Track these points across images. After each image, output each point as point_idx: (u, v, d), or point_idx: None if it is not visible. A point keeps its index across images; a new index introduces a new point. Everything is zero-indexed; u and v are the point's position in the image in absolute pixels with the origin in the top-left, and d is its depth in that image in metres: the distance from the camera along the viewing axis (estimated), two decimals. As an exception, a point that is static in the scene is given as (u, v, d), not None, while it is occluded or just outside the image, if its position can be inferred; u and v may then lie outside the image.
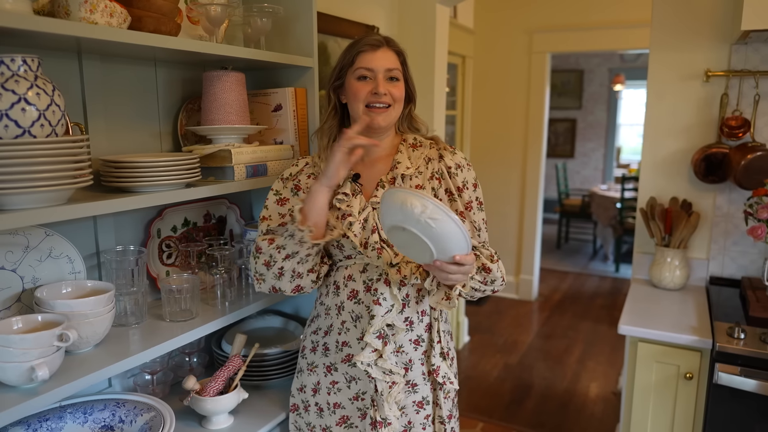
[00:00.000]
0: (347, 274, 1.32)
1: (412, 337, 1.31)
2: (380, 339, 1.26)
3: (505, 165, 4.88)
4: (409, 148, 1.37)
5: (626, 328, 1.92)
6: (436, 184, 1.32)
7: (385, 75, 1.29)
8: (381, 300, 1.26)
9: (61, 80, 1.29)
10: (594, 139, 8.30)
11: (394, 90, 1.30)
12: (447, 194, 1.32)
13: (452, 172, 1.34)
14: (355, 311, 1.30)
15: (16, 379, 1.03)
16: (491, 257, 1.29)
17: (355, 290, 1.30)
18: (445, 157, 1.35)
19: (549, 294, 5.31)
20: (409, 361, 1.31)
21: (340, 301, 1.32)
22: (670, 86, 2.30)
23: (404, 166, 1.32)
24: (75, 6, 1.08)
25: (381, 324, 1.25)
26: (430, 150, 1.36)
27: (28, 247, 1.25)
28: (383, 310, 1.26)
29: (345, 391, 1.34)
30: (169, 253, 1.60)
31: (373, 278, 1.28)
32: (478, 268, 1.27)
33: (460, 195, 1.33)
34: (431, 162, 1.34)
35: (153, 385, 1.49)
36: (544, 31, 4.54)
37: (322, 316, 1.37)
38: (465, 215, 1.33)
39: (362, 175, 1.35)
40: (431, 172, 1.33)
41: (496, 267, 1.27)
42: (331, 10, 2.31)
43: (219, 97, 1.49)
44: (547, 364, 3.85)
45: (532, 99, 4.67)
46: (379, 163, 1.36)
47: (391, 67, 1.30)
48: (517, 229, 4.97)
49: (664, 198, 2.35)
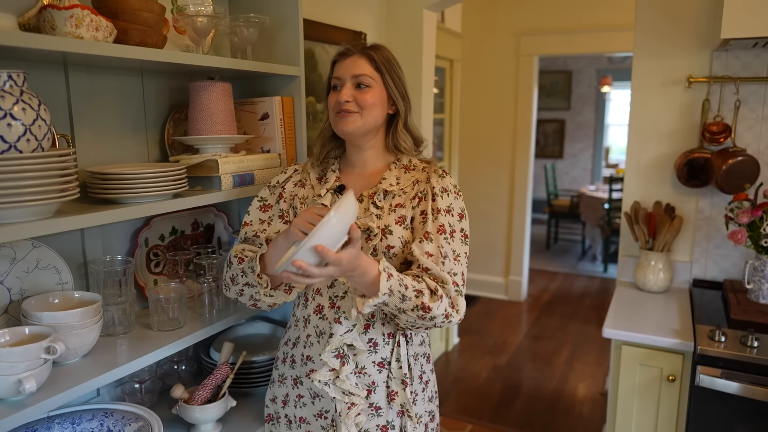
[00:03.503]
0: (315, 287, 1.28)
1: (375, 359, 1.25)
2: (338, 358, 1.21)
3: (493, 166, 4.92)
4: (401, 170, 1.32)
5: (610, 331, 1.95)
6: (416, 204, 1.26)
7: (352, 82, 1.26)
8: (342, 318, 1.22)
9: (47, 92, 1.30)
10: (583, 139, 8.37)
11: (361, 97, 1.25)
12: (421, 215, 1.23)
13: (436, 194, 1.25)
14: (319, 326, 1.26)
15: (4, 392, 1.04)
16: (435, 292, 1.14)
17: (321, 305, 1.26)
18: (431, 179, 1.27)
19: (538, 295, 5.35)
20: (372, 383, 1.25)
21: (307, 314, 1.30)
22: (654, 92, 2.34)
23: (388, 183, 1.28)
24: (60, 21, 1.09)
25: (339, 343, 1.19)
26: (421, 173, 1.31)
27: (15, 259, 1.25)
28: (343, 329, 1.21)
29: (309, 407, 1.30)
30: (157, 262, 1.61)
31: (339, 294, 1.24)
32: (415, 307, 1.13)
33: (437, 217, 1.22)
34: (418, 183, 1.29)
35: (141, 393, 1.49)
36: (532, 34, 4.58)
37: (293, 327, 1.35)
38: (431, 236, 1.20)
39: (347, 187, 1.32)
40: (416, 192, 1.27)
41: (437, 306, 1.13)
42: (319, 17, 2.33)
43: (205, 107, 1.50)
44: (535, 365, 3.88)
45: (520, 101, 4.71)
46: (370, 178, 1.33)
47: (359, 73, 1.25)
48: (506, 230, 5.01)
49: (648, 202, 2.39)
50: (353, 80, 1.25)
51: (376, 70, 1.26)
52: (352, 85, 1.25)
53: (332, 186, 1.32)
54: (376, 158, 1.34)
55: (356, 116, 1.25)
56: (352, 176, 1.35)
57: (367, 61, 1.26)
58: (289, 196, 1.35)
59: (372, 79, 1.25)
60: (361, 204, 1.27)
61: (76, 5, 1.09)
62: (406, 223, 1.25)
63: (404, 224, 1.24)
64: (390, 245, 1.22)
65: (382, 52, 1.28)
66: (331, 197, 1.29)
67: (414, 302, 1.13)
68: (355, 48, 1.27)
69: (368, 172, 1.34)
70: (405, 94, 1.31)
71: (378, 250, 1.22)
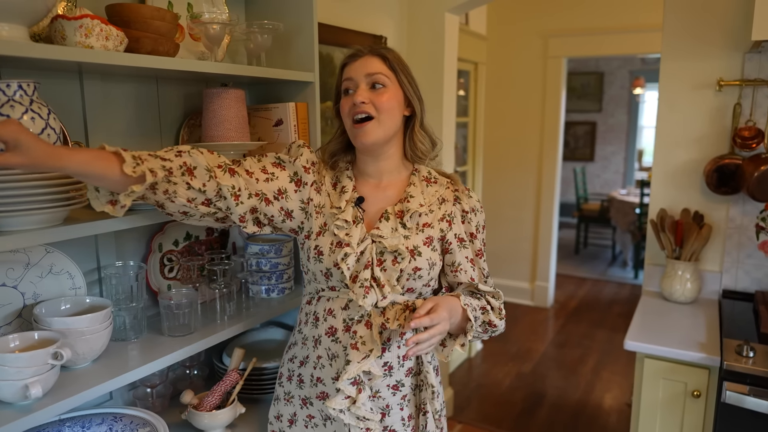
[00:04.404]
0: (328, 308, 1.24)
1: (390, 382, 1.23)
2: (355, 385, 1.17)
3: (520, 170, 4.85)
4: (423, 182, 1.27)
5: (632, 344, 1.89)
6: (446, 227, 1.24)
7: (366, 82, 1.19)
8: (359, 344, 1.18)
9: (63, 100, 1.32)
10: (614, 142, 8.18)
11: (377, 98, 1.18)
12: (457, 239, 1.25)
13: (467, 217, 1.27)
14: (332, 349, 1.22)
15: (11, 397, 1.06)
16: (500, 311, 1.28)
17: (334, 327, 1.22)
18: (462, 201, 1.27)
19: (565, 301, 5.25)
20: (386, 407, 1.24)
21: (318, 334, 1.25)
22: (682, 95, 2.26)
23: (417, 202, 1.23)
24: (71, 30, 1.10)
25: (356, 371, 1.15)
26: (446, 190, 1.28)
27: (29, 264, 1.28)
28: (360, 355, 1.16)
29: (321, 428, 1.28)
30: (171, 267, 1.62)
31: (354, 318, 1.20)
32: (483, 323, 1.25)
33: (473, 241, 1.28)
34: (445, 203, 1.26)
35: (152, 398, 1.51)
36: (560, 36, 4.50)
37: (299, 344, 1.31)
38: (475, 262, 1.28)
39: (368, 199, 1.26)
40: (443, 213, 1.25)
41: (502, 323, 1.28)
42: (338, 21, 2.32)
43: (218, 114, 1.50)
44: (560, 374, 3.81)
45: (547, 103, 4.63)
46: (390, 190, 1.27)
47: (373, 71, 1.19)
48: (533, 234, 4.93)
49: (676, 209, 2.31)
50: (367, 80, 1.19)
51: (391, 69, 1.20)
52: (366, 86, 1.19)
53: (351, 198, 1.25)
54: (393, 168, 1.28)
55: (374, 124, 1.18)
56: (367, 187, 1.28)
57: (381, 60, 1.20)
58: (306, 196, 1.27)
59: (387, 78, 1.19)
60: (387, 222, 1.21)
61: (85, 15, 1.11)
62: (434, 245, 1.23)
63: (431, 245, 1.22)
64: (417, 267, 1.20)
65: (393, 53, 1.23)
66: (351, 211, 1.22)
67: (482, 318, 1.25)
68: (365, 49, 1.22)
69: (385, 184, 1.28)
70: (419, 93, 1.25)
71: (404, 272, 1.19)
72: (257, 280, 1.70)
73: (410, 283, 1.21)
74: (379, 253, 1.19)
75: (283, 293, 1.72)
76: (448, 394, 3.23)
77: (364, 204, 1.26)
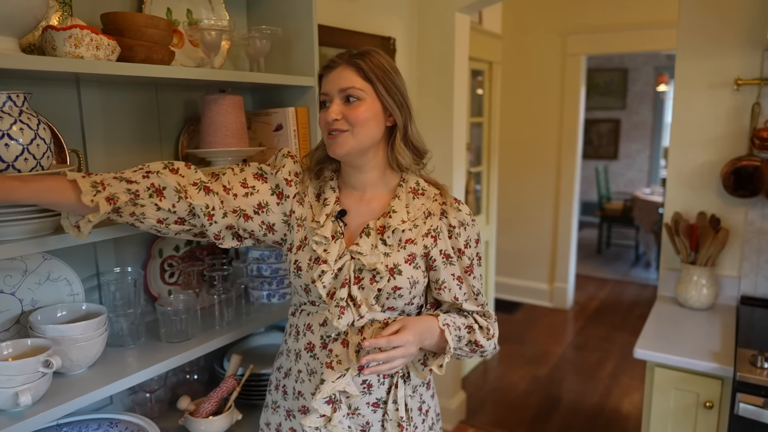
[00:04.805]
0: (307, 323, 1.21)
1: (370, 399, 1.19)
2: (330, 404, 1.14)
3: (538, 169, 4.78)
4: (409, 194, 1.22)
5: (642, 352, 1.83)
6: (431, 243, 1.18)
7: (340, 96, 1.14)
8: (334, 363, 1.14)
9: (60, 109, 1.33)
10: (639, 140, 8.01)
11: (351, 112, 1.13)
12: (442, 255, 1.19)
13: (454, 232, 1.20)
14: (311, 365, 1.20)
15: (2, 404, 1.07)
16: (487, 330, 1.24)
17: (312, 343, 1.20)
18: (448, 215, 1.20)
19: (585, 302, 5.16)
20: (366, 423, 1.20)
21: (298, 348, 1.23)
22: (698, 94, 2.19)
23: (399, 218, 1.17)
24: (60, 41, 1.11)
25: (330, 391, 1.12)
26: (433, 203, 1.22)
27: (27, 271, 1.29)
28: (335, 375, 1.13)
29: None
30: (172, 273, 1.63)
31: (331, 335, 1.17)
32: (468, 342, 1.21)
33: (460, 257, 1.20)
34: (431, 217, 1.20)
35: (151, 403, 1.52)
36: (579, 33, 4.41)
37: (285, 355, 1.29)
38: (463, 279, 1.21)
39: (350, 212, 1.22)
40: (428, 228, 1.19)
41: (490, 344, 1.24)
42: (345, 23, 2.31)
43: (216, 120, 1.50)
44: (577, 377, 3.74)
45: (566, 102, 4.55)
46: (374, 202, 1.22)
47: (346, 86, 1.13)
48: (552, 234, 4.85)
49: (692, 212, 2.24)
50: (341, 94, 1.14)
51: (366, 80, 1.13)
52: (340, 101, 1.14)
53: (332, 211, 1.21)
54: (377, 180, 1.23)
55: (347, 135, 1.13)
56: (351, 199, 1.23)
57: (354, 71, 1.13)
58: (288, 209, 1.25)
59: (362, 90, 1.13)
60: (368, 238, 1.16)
61: (74, 26, 1.11)
62: (416, 262, 1.17)
63: (414, 263, 1.17)
64: (397, 286, 1.15)
65: (372, 59, 1.15)
66: (331, 226, 1.18)
67: (468, 338, 1.21)
68: (341, 58, 1.16)
69: (369, 196, 1.23)
70: (403, 101, 1.17)
71: (383, 291, 1.15)
72: (258, 285, 1.70)
73: (390, 302, 1.16)
74: (358, 270, 1.15)
75: (284, 298, 1.71)
76: (460, 397, 3.20)
77: (347, 217, 1.22)
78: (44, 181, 1.01)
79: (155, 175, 1.12)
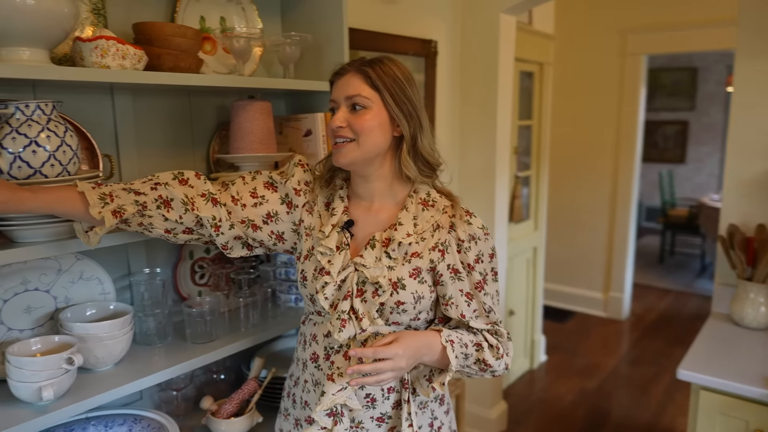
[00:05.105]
0: (312, 333, 1.21)
1: (374, 414, 1.16)
2: (331, 416, 1.12)
3: (592, 173, 4.60)
4: (419, 205, 1.18)
5: (686, 373, 1.73)
6: (437, 257, 1.14)
7: (346, 104, 1.12)
8: (335, 375, 1.12)
9: (94, 114, 1.39)
10: (709, 142, 7.56)
11: (356, 120, 1.10)
12: (450, 270, 1.15)
13: (464, 246, 1.15)
14: (315, 375, 1.19)
15: (28, 397, 1.13)
16: (497, 349, 1.18)
17: (316, 354, 1.19)
18: (457, 228, 1.15)
19: (642, 313, 4.92)
20: None
21: (305, 357, 1.23)
22: (760, 98, 2.03)
23: (405, 231, 1.13)
24: (87, 51, 1.16)
25: (330, 404, 1.10)
26: (442, 215, 1.17)
27: (61, 270, 1.36)
28: (336, 388, 1.11)
29: None
30: (202, 274, 1.67)
31: (334, 347, 1.16)
32: (477, 360, 1.17)
33: (470, 273, 1.15)
34: (439, 230, 1.16)
35: (177, 401, 1.56)
36: (640, 32, 4.21)
37: (295, 363, 1.29)
38: (472, 295, 1.16)
39: (358, 223, 1.19)
40: (436, 241, 1.15)
41: (499, 364, 1.19)
42: (384, 27, 2.29)
43: (243, 126, 1.52)
44: (629, 392, 3.57)
45: (624, 103, 4.36)
46: (382, 213, 1.19)
47: (352, 93, 1.10)
48: (607, 241, 4.66)
49: (750, 224, 2.08)
50: (347, 102, 1.12)
51: (373, 88, 1.10)
52: (346, 108, 1.12)
53: (339, 221, 1.18)
54: (385, 190, 1.19)
55: (352, 145, 1.11)
56: (359, 209, 1.21)
57: (362, 78, 1.11)
58: (297, 218, 1.25)
59: (368, 99, 1.10)
60: (372, 250, 1.14)
61: (100, 37, 1.16)
62: (421, 276, 1.14)
63: (419, 277, 1.13)
64: (400, 301, 1.12)
65: (383, 67, 1.11)
66: (336, 237, 1.16)
67: (475, 356, 1.17)
68: (351, 65, 1.14)
69: (376, 207, 1.20)
70: (412, 112, 1.12)
71: (386, 306, 1.12)
72: (286, 289, 1.71)
73: (395, 317, 1.13)
74: (361, 282, 1.13)
75: (311, 303, 1.72)
76: (501, 407, 3.12)
77: (355, 228, 1.19)
78: (54, 192, 1.05)
79: (163, 186, 1.15)
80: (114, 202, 1.09)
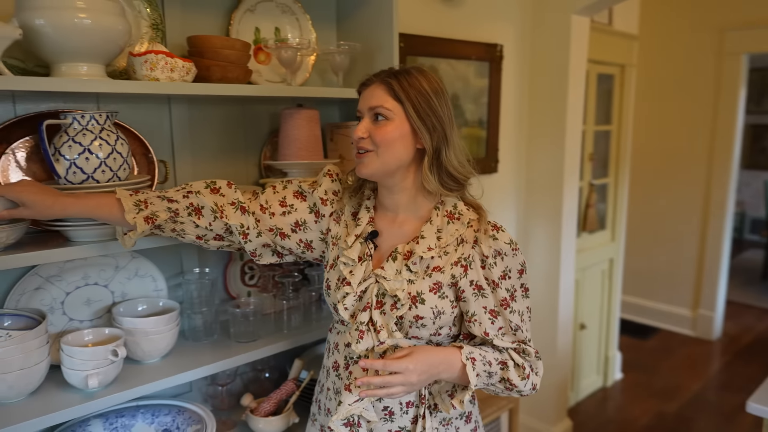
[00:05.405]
0: (335, 341, 1.22)
1: (392, 427, 1.15)
2: (348, 427, 1.13)
3: (680, 182, 4.28)
4: (444, 218, 1.16)
5: (757, 407, 1.57)
6: (460, 272, 1.11)
7: (370, 114, 1.12)
8: (353, 386, 1.12)
9: (152, 122, 1.49)
10: (828, 148, 6.82)
11: (377, 131, 1.10)
12: (473, 287, 1.12)
13: (488, 262, 1.12)
14: (336, 384, 1.20)
15: (77, 383, 1.23)
16: (522, 369, 1.14)
17: (338, 362, 1.20)
18: (481, 244, 1.12)
19: (737, 334, 4.52)
20: None
21: (328, 365, 1.24)
22: None
23: (426, 245, 1.12)
24: (138, 65, 1.24)
25: (346, 413, 1.11)
26: (467, 229, 1.14)
27: (118, 267, 1.47)
28: (352, 398, 1.11)
29: None
30: (252, 275, 1.74)
31: (353, 357, 1.16)
32: (501, 379, 1.14)
33: (495, 289, 1.12)
34: (463, 244, 1.13)
35: (222, 395, 1.63)
36: (739, 29, 3.87)
37: (322, 370, 1.30)
38: (497, 313, 1.13)
39: (383, 234, 1.19)
40: (459, 256, 1.12)
41: (525, 384, 1.15)
42: (447, 32, 2.27)
43: (290, 134, 1.57)
44: (713, 420, 3.29)
45: (721, 106, 4.02)
46: (406, 225, 1.18)
47: (376, 104, 1.10)
48: (697, 254, 4.32)
49: None
50: (370, 113, 1.12)
51: (396, 100, 1.09)
52: (369, 119, 1.12)
53: (363, 232, 1.19)
54: (409, 202, 1.18)
55: (372, 156, 1.11)
56: (384, 221, 1.21)
57: (386, 89, 1.10)
58: (325, 227, 1.27)
59: (390, 110, 1.09)
60: (394, 263, 1.13)
61: (150, 51, 1.24)
62: (442, 291, 1.12)
63: (439, 292, 1.11)
64: (419, 315, 1.10)
65: (409, 79, 1.10)
66: (359, 248, 1.17)
67: (500, 375, 1.14)
68: (377, 76, 1.14)
69: (401, 219, 1.19)
70: (437, 125, 1.10)
71: (405, 319, 1.11)
72: (331, 293, 1.74)
73: (414, 331, 1.12)
74: (381, 294, 1.13)
75: (355, 308, 1.74)
76: (565, 425, 2.99)
77: (379, 239, 1.19)
78: (95, 198, 1.14)
79: (195, 195, 1.21)
80: (148, 208, 1.16)
